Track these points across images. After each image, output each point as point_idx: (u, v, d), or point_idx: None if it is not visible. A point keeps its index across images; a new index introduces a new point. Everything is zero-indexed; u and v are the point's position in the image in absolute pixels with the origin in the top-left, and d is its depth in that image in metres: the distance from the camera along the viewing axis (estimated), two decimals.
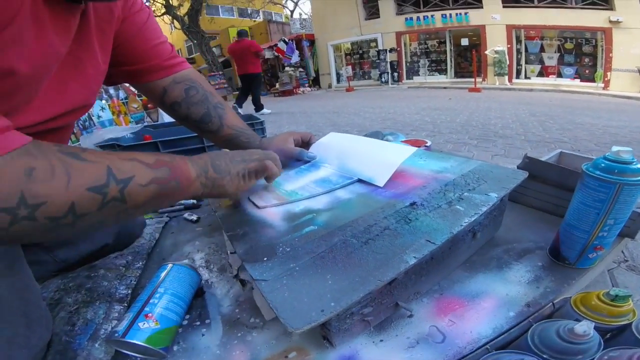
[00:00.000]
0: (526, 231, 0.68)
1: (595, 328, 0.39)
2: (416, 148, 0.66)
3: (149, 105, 3.67)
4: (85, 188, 0.32)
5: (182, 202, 1.00)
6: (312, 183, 0.66)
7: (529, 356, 0.37)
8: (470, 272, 0.58)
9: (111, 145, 1.33)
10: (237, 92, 6.25)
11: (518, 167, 0.78)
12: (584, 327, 0.36)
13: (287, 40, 10.95)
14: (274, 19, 15.15)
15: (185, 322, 0.52)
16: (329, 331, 0.42)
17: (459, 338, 0.45)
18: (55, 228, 0.32)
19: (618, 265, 0.90)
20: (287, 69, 11.39)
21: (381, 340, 0.46)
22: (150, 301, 0.48)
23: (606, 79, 8.94)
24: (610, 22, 8.68)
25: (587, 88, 8.83)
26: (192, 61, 17.12)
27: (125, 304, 0.57)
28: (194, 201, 1.01)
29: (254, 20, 15.56)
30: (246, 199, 0.64)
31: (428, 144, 1.31)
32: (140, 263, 0.71)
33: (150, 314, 0.45)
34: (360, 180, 0.64)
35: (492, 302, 0.51)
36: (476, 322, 0.47)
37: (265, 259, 0.42)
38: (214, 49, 12.89)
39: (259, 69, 5.32)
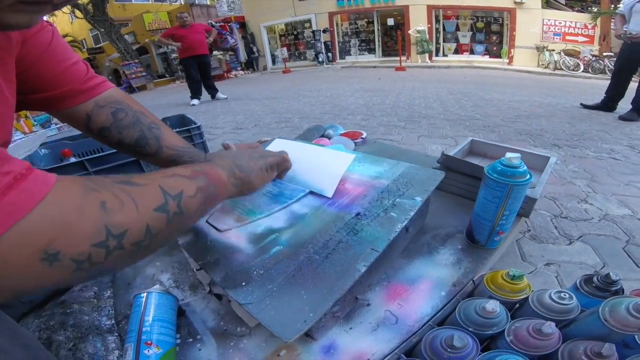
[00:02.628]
0: (448, 216, 0.84)
1: (503, 302, 0.52)
2: (354, 156, 0.75)
3: None
4: (152, 209, 0.35)
5: None
6: (267, 199, 0.69)
7: (459, 331, 0.48)
8: (408, 259, 0.71)
9: None
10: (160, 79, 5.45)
11: (437, 162, 0.93)
12: (492, 306, 0.48)
13: (213, 24, 10.35)
14: (197, 2, 13.97)
15: (178, 342, 0.57)
16: (310, 329, 0.51)
17: (408, 318, 0.58)
18: (138, 252, 0.34)
19: (523, 235, 1.12)
20: (215, 52, 10.80)
21: (350, 328, 0.57)
22: (144, 329, 0.52)
23: (510, 55, 10.13)
24: (515, 3, 9.71)
25: (495, 64, 9.94)
26: (100, 50, 15.29)
27: (116, 334, 0.60)
28: None
29: (175, 5, 14.23)
30: (204, 223, 0.65)
31: (364, 136, 1.44)
32: (109, 292, 0.72)
33: (149, 341, 0.50)
34: (310, 191, 0.70)
35: (427, 284, 0.65)
36: (418, 303, 0.60)
37: (243, 283, 0.49)
38: (126, 37, 11.75)
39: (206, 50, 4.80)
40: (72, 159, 1.31)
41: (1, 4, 0.30)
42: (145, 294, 0.60)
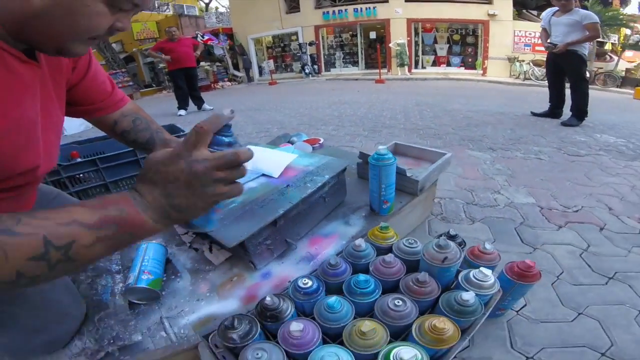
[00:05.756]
0: (362, 195, 1.16)
1: (377, 247, 0.78)
2: (295, 156, 1.08)
3: None
4: (25, 259, 0.35)
5: None
6: None
7: (341, 259, 0.74)
8: (327, 221, 1.04)
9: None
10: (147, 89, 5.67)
11: (358, 157, 1.27)
12: (360, 242, 0.77)
13: (201, 36, 10.70)
14: (185, 13, 14.27)
15: (164, 278, 0.86)
16: (251, 255, 0.83)
17: (319, 257, 0.89)
18: (14, 287, 0.37)
19: (435, 217, 1.45)
20: (202, 63, 11.09)
21: (282, 262, 0.89)
22: (143, 264, 0.82)
23: (484, 66, 10.70)
24: (488, 15, 10.30)
25: (470, 75, 10.50)
26: None
27: (121, 275, 0.89)
28: None
29: (165, 15, 14.46)
30: None
31: (321, 142, 1.78)
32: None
33: (146, 271, 0.80)
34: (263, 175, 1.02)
35: (336, 236, 0.97)
36: (328, 248, 0.93)
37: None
38: (113, 45, 11.97)
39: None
40: (79, 159, 1.60)
41: (80, 38, 0.42)
42: (146, 243, 0.90)
